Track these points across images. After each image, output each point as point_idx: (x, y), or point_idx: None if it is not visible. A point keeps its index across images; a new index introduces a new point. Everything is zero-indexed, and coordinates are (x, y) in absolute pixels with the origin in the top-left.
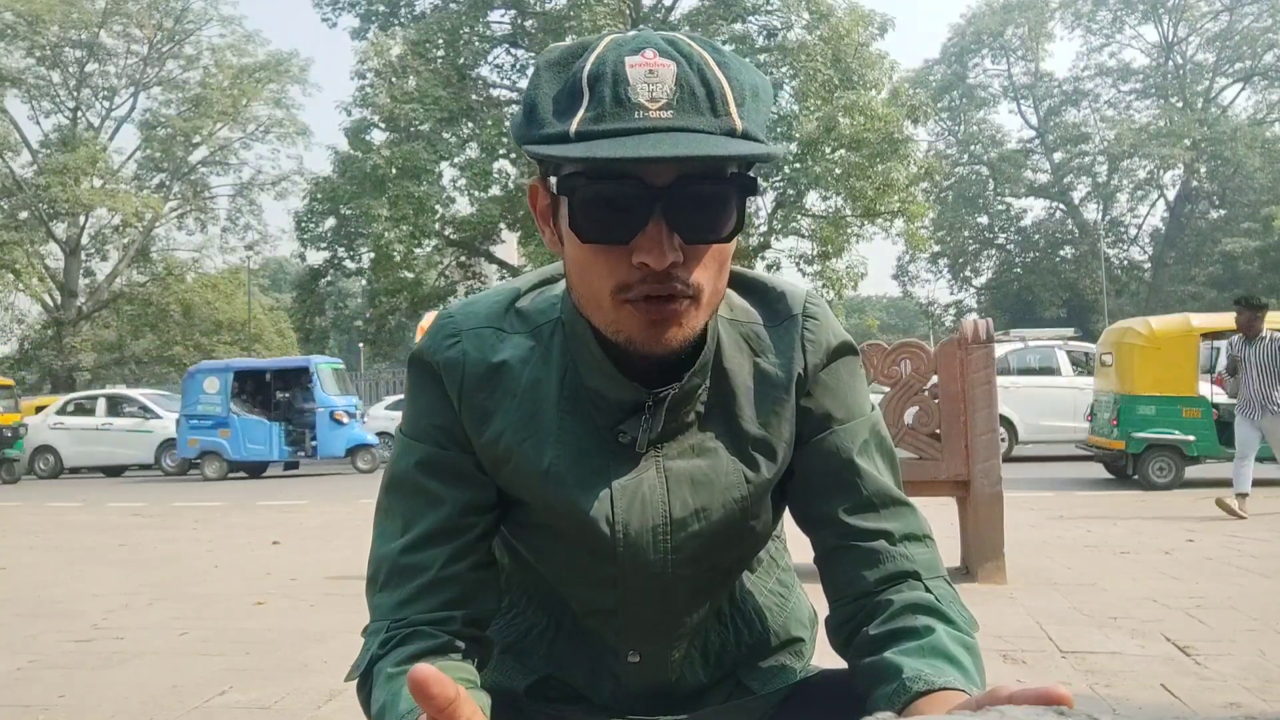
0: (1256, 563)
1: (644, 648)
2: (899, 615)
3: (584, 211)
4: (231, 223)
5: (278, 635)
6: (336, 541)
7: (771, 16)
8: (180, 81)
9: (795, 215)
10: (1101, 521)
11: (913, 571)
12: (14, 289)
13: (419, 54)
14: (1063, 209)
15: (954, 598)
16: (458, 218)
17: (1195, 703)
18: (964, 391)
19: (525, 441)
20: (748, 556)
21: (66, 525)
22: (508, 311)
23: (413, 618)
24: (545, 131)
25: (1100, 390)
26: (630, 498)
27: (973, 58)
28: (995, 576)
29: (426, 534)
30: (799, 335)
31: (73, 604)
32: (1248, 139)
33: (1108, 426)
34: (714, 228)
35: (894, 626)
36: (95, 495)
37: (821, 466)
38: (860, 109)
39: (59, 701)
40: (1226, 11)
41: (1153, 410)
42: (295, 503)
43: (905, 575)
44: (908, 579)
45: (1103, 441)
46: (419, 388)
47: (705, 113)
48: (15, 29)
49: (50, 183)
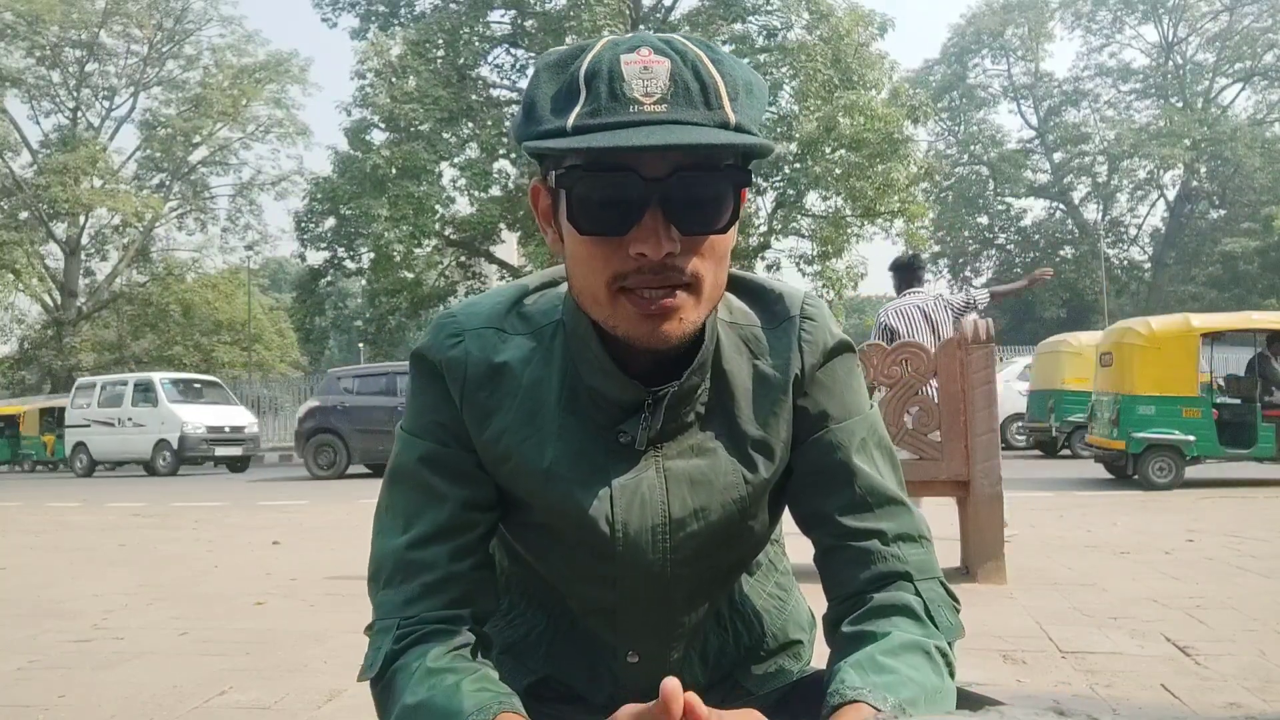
0: (1256, 563)
1: (642, 648)
2: (870, 616)
3: (582, 204)
4: (231, 223)
5: (278, 635)
6: (336, 541)
7: (771, 16)
8: (180, 81)
9: (795, 215)
10: (1101, 521)
11: (904, 572)
12: (14, 289)
13: (419, 54)
14: (1063, 209)
15: (942, 600)
16: (458, 218)
17: (1195, 703)
18: (964, 391)
19: (526, 441)
20: (746, 558)
21: (66, 525)
22: (509, 312)
23: (423, 615)
24: (543, 128)
25: (1100, 390)
26: (629, 497)
27: (973, 58)
28: (995, 576)
29: (430, 531)
30: (796, 336)
31: (73, 604)
32: (1248, 139)
33: (1108, 426)
34: (709, 219)
35: (861, 627)
36: (95, 495)
37: (818, 465)
38: (860, 109)
39: (59, 701)
40: (1226, 11)
41: (1153, 410)
42: (295, 503)
43: (896, 576)
44: (898, 580)
45: (1103, 441)
46: (422, 385)
47: (699, 106)
48: (15, 29)
49: (50, 183)
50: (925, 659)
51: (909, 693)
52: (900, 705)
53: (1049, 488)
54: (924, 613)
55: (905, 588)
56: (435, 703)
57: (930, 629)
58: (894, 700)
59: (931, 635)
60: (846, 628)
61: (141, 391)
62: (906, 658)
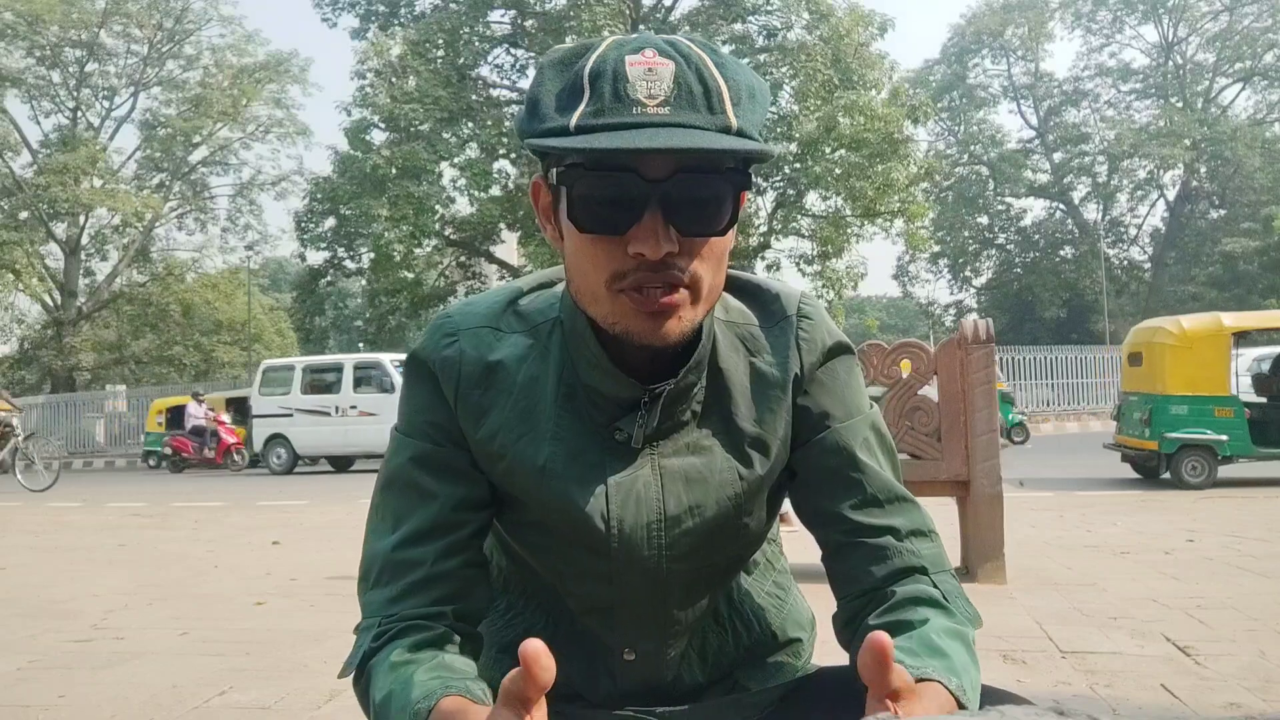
0: (1256, 563)
1: (640, 646)
2: (899, 608)
3: (582, 202)
4: (231, 223)
5: (278, 635)
6: (336, 541)
7: (771, 17)
8: (180, 81)
9: (795, 215)
10: (1101, 521)
11: (919, 566)
12: (14, 289)
13: (419, 54)
14: (1063, 209)
15: (958, 592)
16: (458, 218)
17: (1195, 703)
18: (964, 391)
19: (521, 439)
20: (742, 555)
21: (66, 525)
22: (505, 311)
23: (404, 612)
24: (546, 126)
25: (1129, 390)
26: (625, 494)
27: (973, 58)
28: (995, 576)
29: (418, 530)
30: (794, 335)
31: (73, 604)
32: (1248, 139)
33: (1139, 426)
34: (709, 221)
35: (892, 618)
36: (95, 495)
37: (825, 465)
38: (860, 109)
39: (59, 701)
40: (1226, 11)
41: (1185, 410)
42: (295, 503)
43: (912, 570)
44: (914, 574)
45: (1133, 441)
46: (415, 385)
47: (702, 110)
48: (15, 29)
49: (50, 183)
50: (966, 648)
51: (968, 679)
52: (963, 688)
53: (1049, 488)
54: (945, 604)
55: (923, 581)
56: (394, 695)
57: (958, 618)
58: (957, 682)
59: (961, 624)
60: (874, 620)
61: (365, 373)
62: (953, 644)
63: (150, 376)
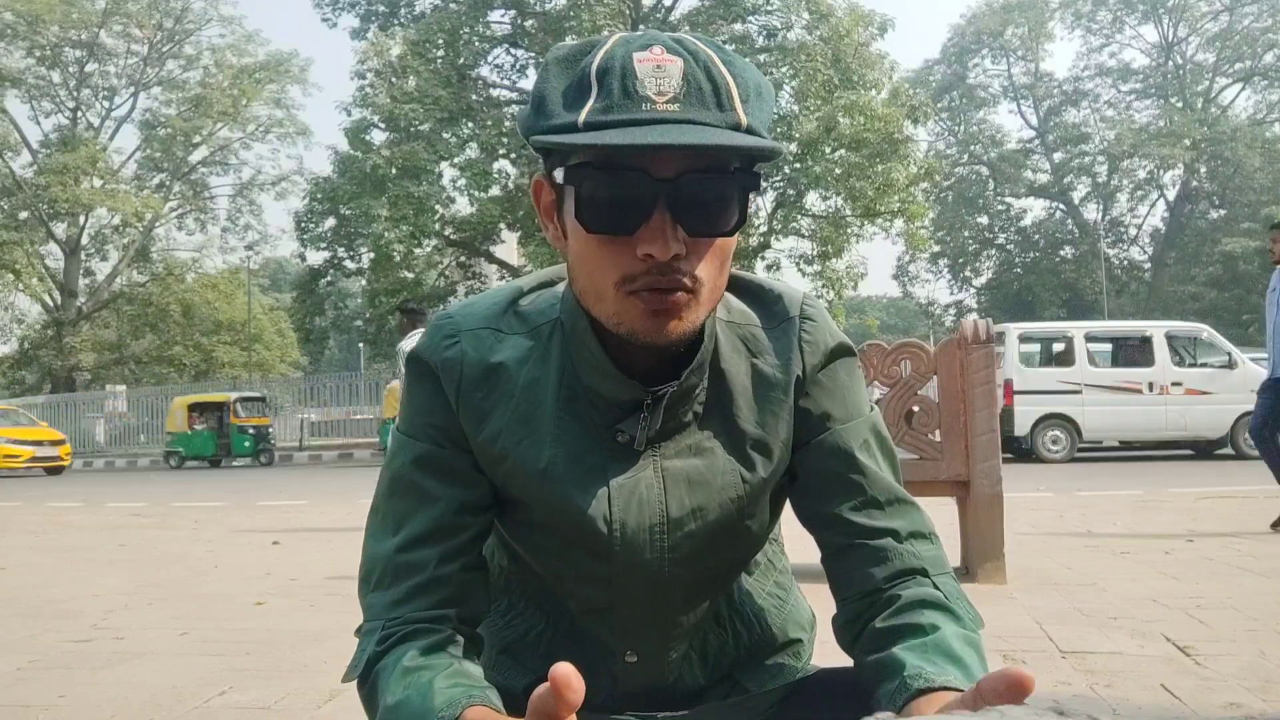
0: (1256, 563)
1: (641, 648)
2: (906, 610)
3: (590, 202)
4: (231, 223)
5: (278, 635)
6: (336, 541)
7: (771, 16)
8: (180, 81)
9: (795, 215)
10: (1101, 521)
11: (920, 568)
12: (14, 289)
13: (419, 54)
14: (1063, 209)
15: (960, 594)
16: (458, 218)
17: (1195, 703)
18: (964, 391)
19: (523, 441)
20: (745, 557)
21: (66, 525)
22: (506, 312)
23: (408, 615)
24: (554, 122)
25: None
26: (627, 497)
27: (973, 58)
28: (995, 576)
29: (420, 533)
30: (796, 337)
31: (73, 604)
32: (1248, 139)
33: None
34: (717, 221)
35: (900, 622)
36: (95, 495)
37: (825, 466)
38: (860, 109)
39: (59, 701)
40: (1226, 11)
41: None
42: (295, 503)
43: (913, 572)
44: (915, 575)
45: None
46: (417, 386)
47: (711, 107)
48: (15, 29)
49: (50, 183)
50: (979, 655)
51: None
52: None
53: (1050, 488)
54: (949, 606)
55: (924, 583)
56: (411, 702)
57: (966, 623)
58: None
59: (971, 630)
60: (881, 623)
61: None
62: (969, 652)
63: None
